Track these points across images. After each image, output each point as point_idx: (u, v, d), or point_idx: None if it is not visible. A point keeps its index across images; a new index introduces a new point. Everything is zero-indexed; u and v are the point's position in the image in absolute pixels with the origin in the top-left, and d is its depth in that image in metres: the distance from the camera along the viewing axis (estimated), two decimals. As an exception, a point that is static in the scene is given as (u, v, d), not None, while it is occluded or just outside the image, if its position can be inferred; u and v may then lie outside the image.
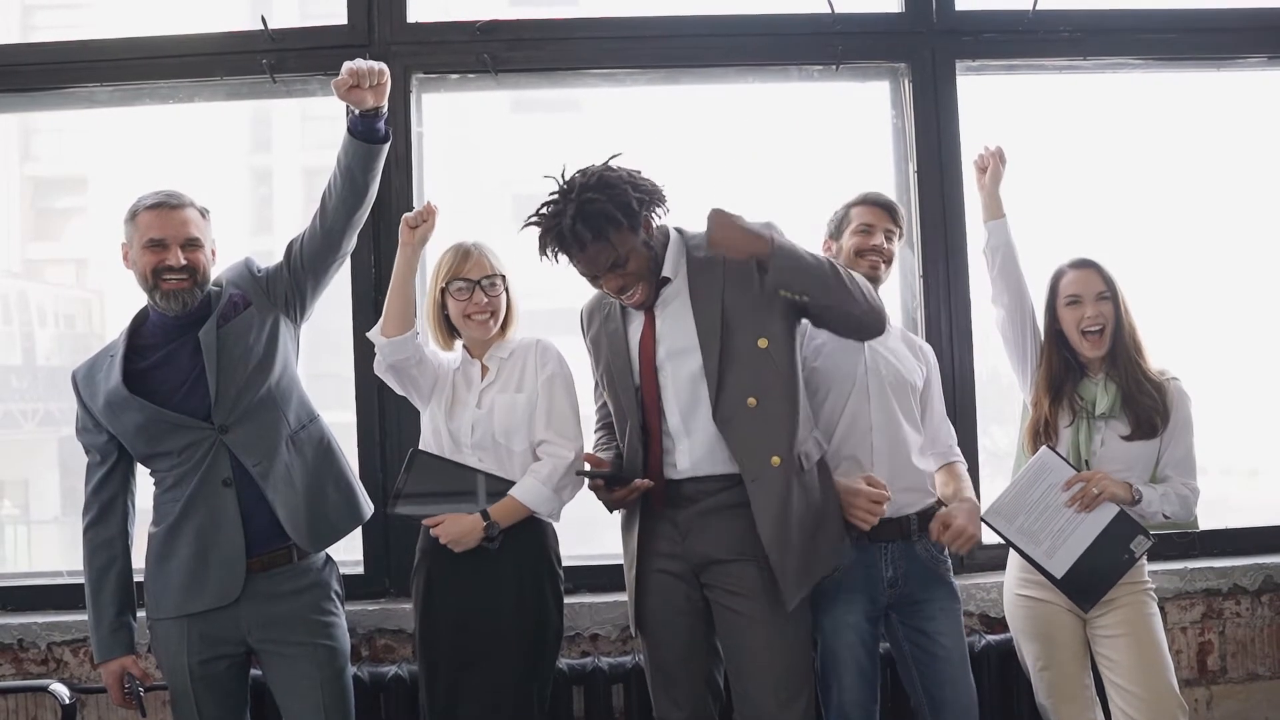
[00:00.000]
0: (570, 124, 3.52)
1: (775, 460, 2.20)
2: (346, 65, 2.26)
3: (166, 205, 2.31)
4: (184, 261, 2.30)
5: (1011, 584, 2.60)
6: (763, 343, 2.23)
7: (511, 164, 3.50)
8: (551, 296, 2.83)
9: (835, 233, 2.60)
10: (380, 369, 2.45)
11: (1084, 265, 2.57)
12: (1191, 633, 2.96)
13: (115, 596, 2.34)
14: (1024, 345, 2.65)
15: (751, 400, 2.22)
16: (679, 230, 2.35)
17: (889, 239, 2.54)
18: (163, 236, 2.30)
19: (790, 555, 2.19)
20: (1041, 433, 2.56)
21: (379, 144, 2.35)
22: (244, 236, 3.72)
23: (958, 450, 2.64)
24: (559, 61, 3.06)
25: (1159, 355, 2.59)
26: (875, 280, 2.50)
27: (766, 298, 2.20)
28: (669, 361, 2.26)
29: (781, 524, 2.19)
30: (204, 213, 2.39)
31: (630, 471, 2.27)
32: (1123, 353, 2.52)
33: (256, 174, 3.74)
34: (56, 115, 3.48)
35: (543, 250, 2.24)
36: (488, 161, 3.57)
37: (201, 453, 2.29)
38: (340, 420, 2.94)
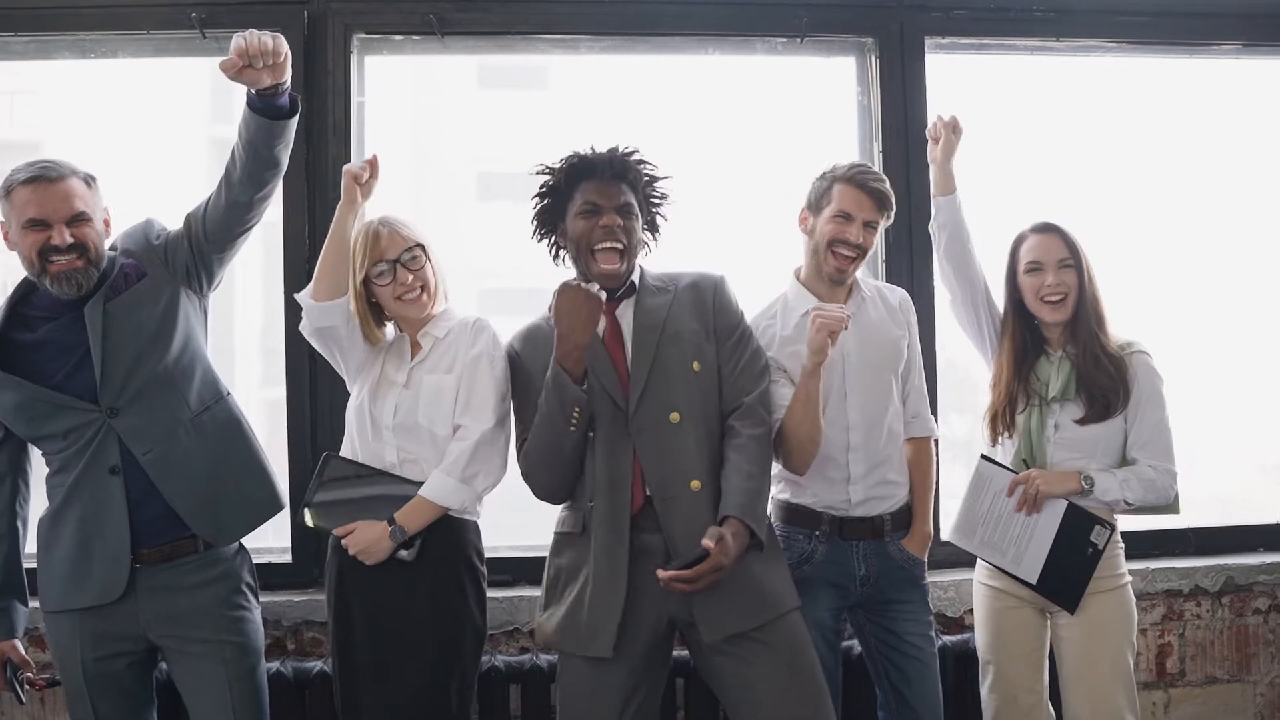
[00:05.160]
0: (537, 101, 3.41)
1: (695, 485, 2.10)
2: (235, 42, 1.96)
3: (44, 179, 2.09)
4: (70, 239, 2.09)
5: (979, 573, 2.52)
6: (696, 365, 2.16)
7: (478, 141, 3.41)
8: (514, 276, 2.72)
9: (814, 205, 2.37)
10: (306, 331, 2.29)
11: (1046, 230, 2.43)
12: (1151, 635, 2.90)
13: None
14: (979, 325, 2.53)
15: (675, 415, 2.12)
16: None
17: (868, 230, 2.31)
18: (43, 215, 2.08)
19: (711, 592, 2.04)
20: (1001, 416, 2.44)
21: (285, 119, 2.10)
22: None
23: (930, 421, 2.49)
24: (510, 25, 2.91)
25: (1132, 332, 2.48)
26: (841, 281, 2.35)
27: (708, 333, 2.18)
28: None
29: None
30: (89, 181, 2.17)
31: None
32: (1084, 325, 2.38)
33: (216, 144, 3.58)
34: (8, 78, 3.29)
35: (543, 192, 2.20)
36: (453, 137, 3.47)
37: (88, 437, 2.11)
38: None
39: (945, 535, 2.49)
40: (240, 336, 3.19)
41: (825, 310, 2.22)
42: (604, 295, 2.08)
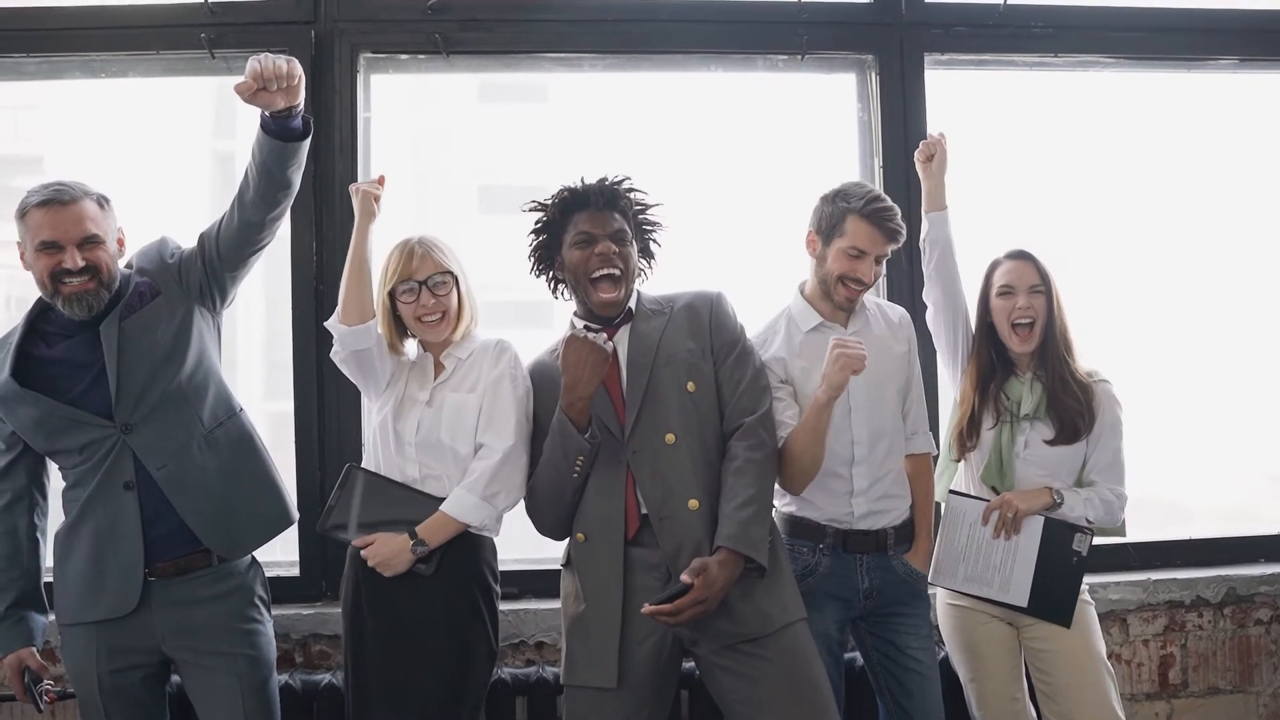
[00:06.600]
0: (537, 115, 3.43)
1: (693, 504, 2.11)
2: (251, 65, 1.98)
3: (57, 201, 2.11)
4: (82, 263, 2.11)
5: (942, 594, 2.55)
6: (691, 386, 2.17)
7: (479, 155, 3.43)
8: (509, 290, 2.74)
9: (824, 233, 2.35)
10: (338, 358, 2.30)
11: (1020, 256, 2.51)
12: (1153, 645, 2.90)
13: (11, 588, 2.19)
14: (955, 341, 2.58)
15: (670, 436, 2.14)
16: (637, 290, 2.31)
17: (879, 264, 2.34)
18: (55, 238, 2.11)
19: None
20: (966, 432, 2.50)
21: (297, 141, 2.13)
22: (205, 221, 3.63)
23: (929, 438, 2.50)
24: (514, 44, 2.95)
25: (1121, 360, 2.55)
26: (848, 310, 2.38)
27: (704, 351, 2.19)
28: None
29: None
30: (103, 202, 2.19)
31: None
32: (1052, 350, 2.46)
33: (219, 158, 3.62)
34: (12, 93, 3.33)
35: (538, 228, 2.23)
36: (455, 151, 3.49)
37: (103, 453, 2.14)
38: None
39: (929, 578, 2.47)
40: (243, 349, 3.22)
41: (848, 346, 2.17)
42: (611, 346, 2.09)
